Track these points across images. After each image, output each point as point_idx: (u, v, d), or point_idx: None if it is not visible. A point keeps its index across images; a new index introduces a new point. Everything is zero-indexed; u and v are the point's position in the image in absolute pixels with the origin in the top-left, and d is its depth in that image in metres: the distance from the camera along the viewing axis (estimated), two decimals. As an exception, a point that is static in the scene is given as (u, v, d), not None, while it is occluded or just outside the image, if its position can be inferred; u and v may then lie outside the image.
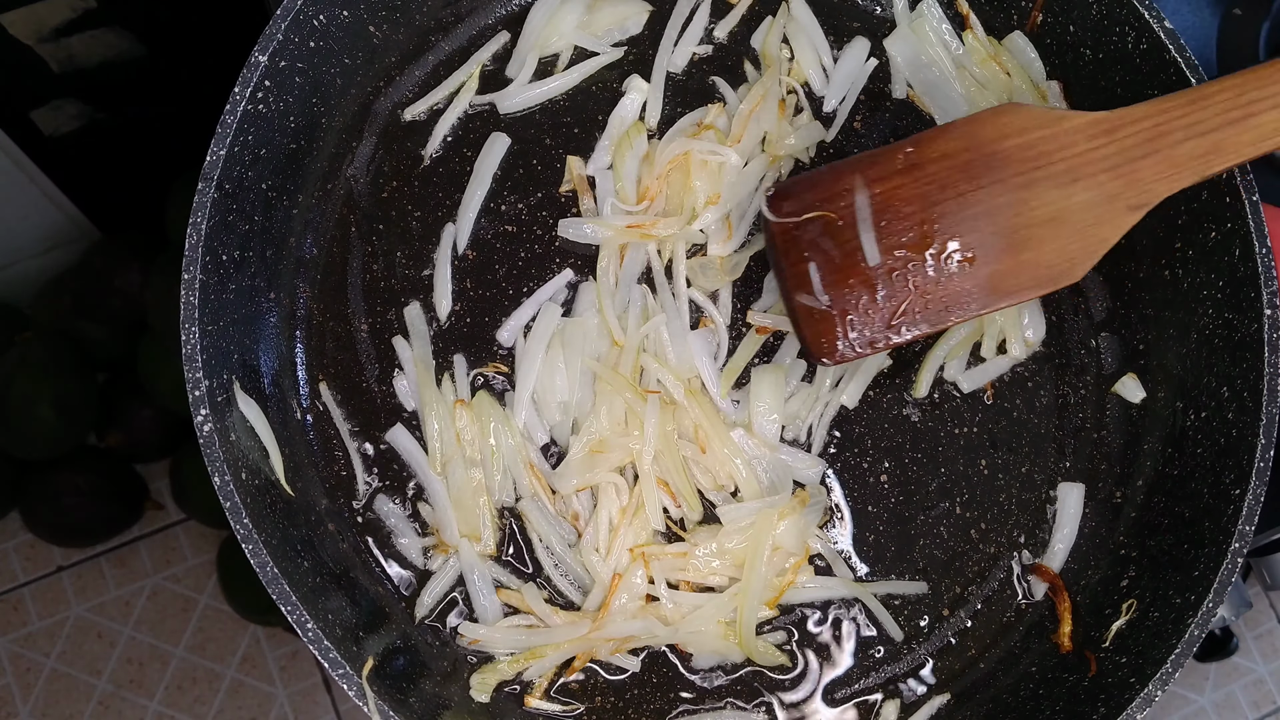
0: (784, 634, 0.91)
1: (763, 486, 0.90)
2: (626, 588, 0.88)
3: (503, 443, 0.91)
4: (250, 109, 0.83)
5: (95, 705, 1.92)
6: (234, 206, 0.83)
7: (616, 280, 0.93)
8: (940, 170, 0.80)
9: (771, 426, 0.91)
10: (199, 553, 1.98)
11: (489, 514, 0.90)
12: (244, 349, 0.87)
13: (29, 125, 1.49)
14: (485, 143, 0.96)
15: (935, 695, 0.90)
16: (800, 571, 0.90)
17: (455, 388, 0.92)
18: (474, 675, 0.88)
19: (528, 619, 0.89)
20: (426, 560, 0.91)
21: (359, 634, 0.82)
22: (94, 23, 1.34)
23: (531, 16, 0.97)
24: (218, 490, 0.78)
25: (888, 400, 0.95)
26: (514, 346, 0.93)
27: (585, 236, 0.94)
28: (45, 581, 1.96)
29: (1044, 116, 0.79)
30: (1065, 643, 0.89)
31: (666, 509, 0.90)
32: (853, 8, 1.00)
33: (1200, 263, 0.91)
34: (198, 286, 0.80)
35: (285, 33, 0.84)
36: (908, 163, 0.81)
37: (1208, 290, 0.90)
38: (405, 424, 0.92)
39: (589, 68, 0.97)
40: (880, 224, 0.81)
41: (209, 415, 0.79)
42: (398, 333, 0.93)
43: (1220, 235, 0.88)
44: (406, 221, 0.95)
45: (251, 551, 0.78)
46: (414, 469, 0.91)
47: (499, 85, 0.97)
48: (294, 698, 1.94)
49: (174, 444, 1.84)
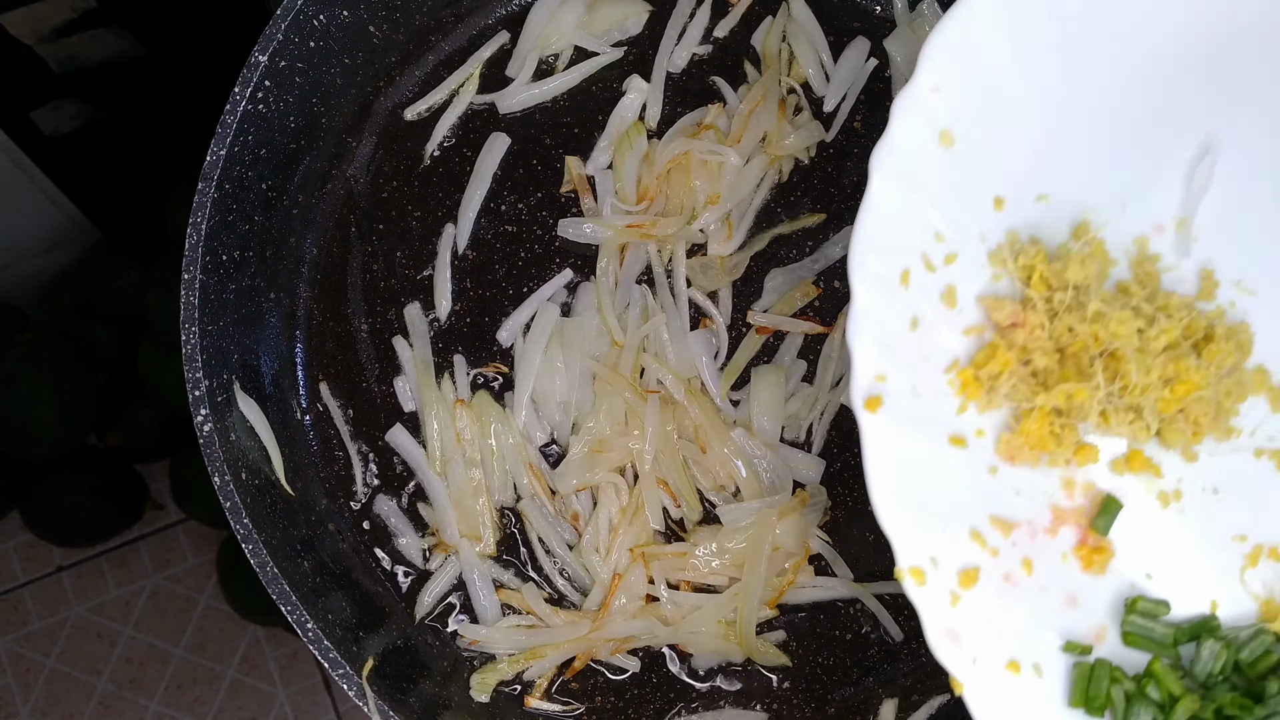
0: (784, 634, 0.91)
1: (763, 486, 0.90)
2: (626, 588, 0.88)
3: (502, 443, 0.91)
4: (250, 109, 0.83)
5: (95, 705, 1.92)
6: (234, 206, 0.83)
7: (616, 280, 0.93)
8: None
9: (771, 426, 0.91)
10: (199, 553, 1.98)
11: (489, 514, 0.90)
12: (244, 349, 0.87)
13: (29, 125, 1.48)
14: (485, 143, 0.96)
15: (935, 695, 0.90)
16: (800, 571, 0.90)
17: (455, 388, 0.92)
18: (474, 675, 0.88)
19: (528, 619, 0.89)
20: (426, 560, 0.91)
21: (359, 634, 0.82)
22: (94, 23, 1.34)
23: (531, 16, 0.97)
24: (218, 490, 0.78)
25: (888, 400, 0.95)
26: (513, 346, 0.93)
27: (585, 236, 0.94)
28: (45, 581, 1.96)
29: None
30: None
31: (666, 509, 0.90)
32: (853, 8, 1.00)
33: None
34: (198, 286, 0.80)
35: (285, 33, 0.84)
36: None
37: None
38: (405, 424, 0.92)
39: (589, 68, 0.97)
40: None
41: (209, 415, 0.79)
42: (398, 333, 0.93)
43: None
44: (406, 221, 0.95)
45: (251, 551, 0.78)
46: (414, 469, 0.91)
47: (499, 85, 0.97)
48: (294, 698, 1.94)
49: (174, 444, 1.84)
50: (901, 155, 0.64)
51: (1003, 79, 0.66)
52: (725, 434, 0.89)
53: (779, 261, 0.95)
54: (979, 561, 0.65)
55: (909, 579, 0.63)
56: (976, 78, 0.65)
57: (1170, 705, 0.65)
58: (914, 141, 0.64)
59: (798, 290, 0.93)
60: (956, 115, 0.65)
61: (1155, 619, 0.67)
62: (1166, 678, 0.65)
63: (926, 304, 0.66)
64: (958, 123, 0.65)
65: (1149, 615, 0.67)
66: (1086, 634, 0.67)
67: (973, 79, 0.65)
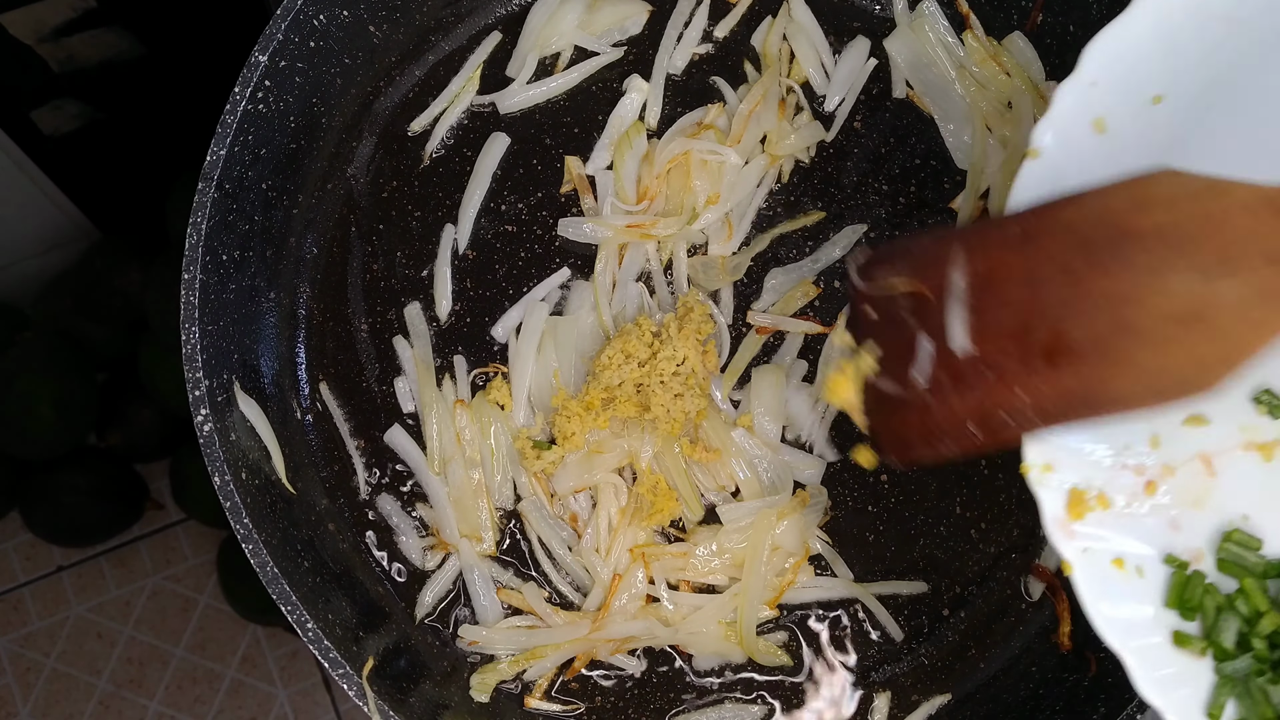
0: (785, 634, 0.91)
1: (763, 486, 0.90)
2: (626, 588, 0.88)
3: (502, 444, 0.91)
4: (250, 109, 0.83)
5: (95, 705, 1.92)
6: (234, 206, 0.83)
7: (615, 280, 0.93)
8: (1056, 246, 0.66)
9: (772, 426, 0.91)
10: (199, 553, 1.98)
11: (489, 514, 0.90)
12: (244, 349, 0.87)
13: (29, 125, 1.49)
14: (485, 143, 0.96)
15: (935, 695, 0.90)
16: (800, 571, 0.90)
17: (455, 388, 0.92)
18: (474, 675, 0.88)
19: (529, 619, 0.89)
20: (426, 560, 0.91)
21: (359, 634, 0.82)
22: (94, 23, 1.35)
23: (531, 16, 0.97)
24: (218, 490, 0.78)
25: (888, 400, 0.95)
26: (507, 343, 0.93)
27: (585, 236, 0.94)
28: (45, 581, 1.96)
29: (1201, 188, 0.63)
30: (1065, 642, 0.89)
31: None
32: (853, 8, 1.00)
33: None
34: (198, 286, 0.80)
35: (285, 33, 0.84)
36: (1021, 235, 0.68)
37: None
38: (403, 425, 0.92)
39: (589, 68, 0.97)
40: (976, 306, 0.67)
41: (209, 415, 0.79)
42: (398, 333, 0.93)
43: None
44: (406, 221, 0.95)
45: (251, 551, 0.78)
46: (413, 469, 0.91)
47: (499, 85, 0.97)
48: (294, 698, 1.94)
49: (174, 444, 1.84)
50: (1060, 133, 0.72)
51: (1149, 81, 0.73)
52: (726, 434, 0.89)
53: (779, 261, 0.95)
54: (1114, 474, 0.73)
55: (1034, 472, 0.71)
56: (1128, 78, 0.73)
57: (1255, 619, 0.70)
58: (1071, 122, 0.72)
59: (798, 290, 0.93)
60: (1109, 108, 0.73)
61: (1249, 550, 0.72)
62: (1255, 594, 0.71)
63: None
64: (1110, 114, 0.73)
65: (1244, 546, 0.72)
66: (1185, 554, 0.72)
67: (1125, 78, 0.73)
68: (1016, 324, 0.66)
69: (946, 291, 0.68)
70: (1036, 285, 0.66)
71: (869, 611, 0.91)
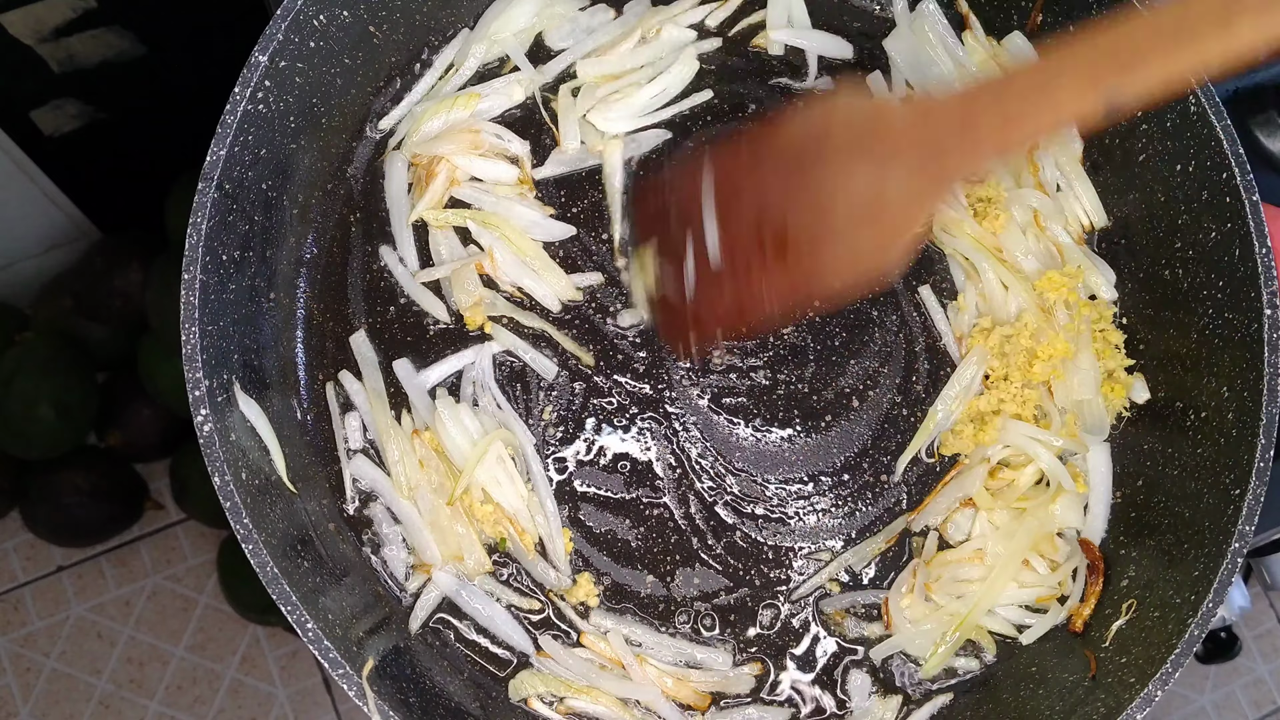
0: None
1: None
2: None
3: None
4: (250, 109, 0.83)
5: (95, 705, 1.92)
6: (234, 206, 0.83)
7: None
8: (775, 157, 0.80)
9: None
10: (199, 553, 1.98)
11: (471, 536, 0.88)
12: (244, 349, 0.87)
13: (29, 125, 1.48)
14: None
15: (936, 695, 0.90)
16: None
17: (414, 420, 0.90)
18: (521, 673, 0.87)
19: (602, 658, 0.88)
20: (409, 580, 0.89)
21: (359, 634, 0.82)
22: (94, 23, 1.34)
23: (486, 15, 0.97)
24: (218, 490, 0.78)
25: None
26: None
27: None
28: (45, 581, 1.96)
29: (867, 104, 0.82)
30: (1078, 624, 0.89)
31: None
32: (852, 8, 1.00)
33: (1200, 263, 0.91)
34: (198, 286, 0.80)
35: (285, 33, 0.84)
36: (751, 155, 0.81)
37: (1208, 290, 0.90)
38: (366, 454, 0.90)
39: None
40: (721, 215, 0.81)
41: (209, 415, 0.79)
42: (398, 333, 0.93)
43: (1220, 235, 0.88)
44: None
45: (251, 551, 0.77)
46: (383, 496, 0.90)
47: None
48: (294, 698, 1.94)
49: (174, 444, 1.84)
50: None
51: None
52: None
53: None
54: None
55: None
56: None
57: None
58: None
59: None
60: None
61: None
62: None
63: None
64: None
65: None
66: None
67: None
68: (752, 227, 0.80)
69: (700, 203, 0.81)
70: (763, 194, 0.79)
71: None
